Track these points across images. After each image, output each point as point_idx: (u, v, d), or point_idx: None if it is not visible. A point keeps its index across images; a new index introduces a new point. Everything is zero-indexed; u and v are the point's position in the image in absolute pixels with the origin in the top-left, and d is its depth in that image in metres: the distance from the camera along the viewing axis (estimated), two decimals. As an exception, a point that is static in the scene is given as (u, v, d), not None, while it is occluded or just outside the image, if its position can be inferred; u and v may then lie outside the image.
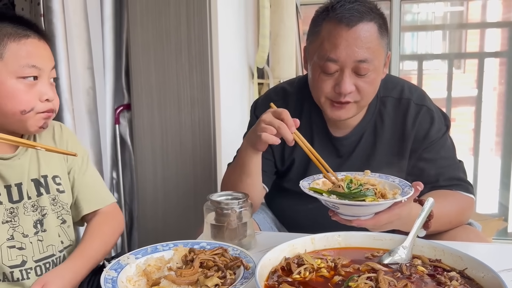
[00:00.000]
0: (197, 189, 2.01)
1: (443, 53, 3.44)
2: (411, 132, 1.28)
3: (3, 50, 1.00)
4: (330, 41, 1.17)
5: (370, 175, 1.10)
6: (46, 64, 1.07)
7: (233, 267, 0.90)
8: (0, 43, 1.00)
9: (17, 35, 1.02)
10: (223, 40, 2.01)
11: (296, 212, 1.40)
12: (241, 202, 1.10)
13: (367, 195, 0.99)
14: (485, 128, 3.23)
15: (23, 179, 1.09)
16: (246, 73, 2.45)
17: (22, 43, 1.02)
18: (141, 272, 0.89)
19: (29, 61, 1.02)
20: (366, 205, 0.97)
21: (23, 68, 1.02)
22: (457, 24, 3.51)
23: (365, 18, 1.16)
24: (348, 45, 1.15)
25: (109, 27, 2.00)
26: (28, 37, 1.04)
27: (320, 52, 1.19)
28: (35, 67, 1.03)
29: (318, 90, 1.23)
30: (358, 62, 1.16)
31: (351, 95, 1.20)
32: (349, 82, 1.18)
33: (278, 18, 2.44)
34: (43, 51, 1.07)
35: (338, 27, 1.16)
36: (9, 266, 1.04)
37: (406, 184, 1.04)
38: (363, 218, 1.00)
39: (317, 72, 1.22)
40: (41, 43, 1.07)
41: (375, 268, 0.87)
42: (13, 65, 1.01)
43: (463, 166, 1.32)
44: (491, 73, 3.34)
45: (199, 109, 1.97)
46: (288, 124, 1.09)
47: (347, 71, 1.17)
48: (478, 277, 0.83)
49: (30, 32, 1.05)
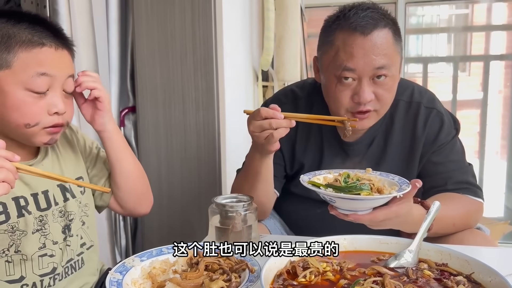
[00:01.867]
0: (202, 192, 2.01)
1: (448, 56, 3.43)
2: (422, 136, 1.27)
3: (13, 59, 0.93)
4: (346, 50, 1.15)
5: (371, 173, 1.10)
6: (59, 71, 0.97)
7: (238, 270, 0.89)
8: (10, 51, 0.93)
9: (30, 43, 0.94)
10: (228, 42, 2.01)
11: (304, 217, 1.39)
12: (246, 205, 1.10)
13: (363, 189, 0.99)
14: (490, 131, 3.22)
15: (49, 185, 1.05)
16: (250, 76, 2.45)
17: (34, 53, 0.94)
18: (146, 275, 0.89)
19: (38, 69, 0.94)
20: (361, 199, 0.97)
21: (32, 79, 0.93)
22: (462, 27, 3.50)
23: (379, 25, 1.14)
24: (365, 53, 1.13)
25: (115, 30, 2.01)
26: (43, 46, 0.95)
27: (336, 62, 1.17)
28: (45, 75, 0.95)
29: (336, 102, 1.21)
30: (377, 69, 1.14)
31: (371, 103, 1.18)
32: (368, 91, 1.16)
33: (283, 20, 2.44)
34: (59, 59, 0.98)
35: (353, 36, 1.14)
36: (40, 275, 1.01)
37: (404, 181, 1.04)
38: (360, 213, 1.00)
39: (333, 83, 1.19)
40: (58, 52, 0.97)
41: (381, 271, 0.87)
42: (22, 74, 0.93)
43: (472, 170, 1.31)
44: (496, 76, 3.33)
45: (204, 111, 1.97)
46: (273, 116, 1.09)
47: (365, 80, 1.16)
48: (485, 281, 0.82)
49: (48, 39, 0.96)
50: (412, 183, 1.00)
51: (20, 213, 1.00)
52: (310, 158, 1.33)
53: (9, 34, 0.93)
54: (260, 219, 1.34)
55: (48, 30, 0.97)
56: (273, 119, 1.09)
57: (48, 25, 0.98)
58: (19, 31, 0.94)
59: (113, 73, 2.03)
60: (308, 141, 1.34)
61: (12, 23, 0.94)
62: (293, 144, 1.35)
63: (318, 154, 1.34)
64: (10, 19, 0.95)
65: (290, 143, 1.35)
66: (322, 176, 1.10)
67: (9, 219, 0.98)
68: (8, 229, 0.97)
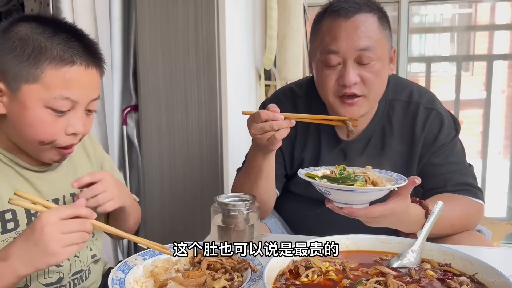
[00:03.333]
0: (204, 191, 2.01)
1: (451, 55, 3.42)
2: (421, 137, 1.26)
3: (40, 75, 0.89)
4: (330, 34, 1.17)
5: (370, 170, 1.09)
6: (84, 96, 0.94)
7: (241, 269, 0.89)
8: (39, 66, 0.89)
9: (60, 61, 0.90)
10: (231, 41, 2.01)
11: (304, 216, 1.39)
12: (249, 204, 1.10)
13: (357, 180, 0.99)
14: (493, 131, 3.21)
15: (60, 194, 1.04)
16: (253, 75, 2.45)
17: (62, 72, 0.90)
18: (149, 274, 0.89)
19: (63, 92, 0.90)
20: (354, 190, 0.97)
21: (54, 99, 0.90)
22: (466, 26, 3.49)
23: (363, 10, 1.17)
24: (348, 35, 1.15)
25: (117, 28, 2.01)
26: (73, 64, 0.91)
27: (321, 47, 1.19)
28: (68, 100, 0.91)
29: (323, 87, 1.22)
30: (360, 50, 1.15)
31: (357, 86, 1.18)
32: (353, 73, 1.17)
33: (286, 19, 2.44)
34: (86, 82, 0.94)
35: (337, 20, 1.17)
36: (45, 285, 1.00)
37: (402, 178, 1.04)
38: (355, 207, 0.99)
39: (320, 68, 1.21)
40: (87, 72, 0.94)
41: (383, 271, 0.87)
42: (45, 93, 0.90)
43: (472, 171, 1.30)
44: (499, 76, 3.32)
45: (206, 110, 1.97)
46: (273, 118, 1.09)
47: (349, 62, 1.17)
48: (488, 282, 0.82)
49: (79, 57, 0.92)
50: (411, 179, 0.99)
51: (29, 220, 0.99)
52: (308, 157, 1.33)
53: (41, 47, 0.90)
54: (261, 218, 1.34)
55: (82, 46, 0.94)
56: (274, 121, 1.09)
57: (82, 40, 0.95)
58: (51, 46, 0.90)
59: (115, 72, 2.03)
60: (306, 140, 1.34)
61: (46, 35, 0.91)
62: (292, 143, 1.35)
63: (316, 153, 1.34)
64: (46, 28, 0.92)
65: (290, 142, 1.34)
66: (320, 171, 1.10)
67: (18, 226, 0.97)
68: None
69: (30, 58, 0.89)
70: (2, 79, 0.91)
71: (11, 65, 0.90)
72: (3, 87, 0.91)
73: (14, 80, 0.90)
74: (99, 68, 0.98)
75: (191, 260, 0.92)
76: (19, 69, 0.90)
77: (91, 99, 0.96)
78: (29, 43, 0.90)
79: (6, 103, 0.92)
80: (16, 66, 0.90)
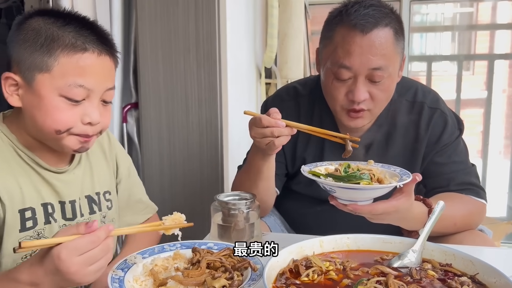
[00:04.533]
0: (204, 189, 2.01)
1: (452, 54, 3.41)
2: (425, 136, 1.26)
3: (53, 63, 0.90)
4: (343, 47, 1.14)
5: (373, 164, 1.09)
6: (98, 84, 0.94)
7: (241, 268, 0.89)
8: (52, 54, 0.90)
9: (73, 48, 0.91)
10: (231, 39, 2.00)
11: (304, 215, 1.38)
12: (249, 203, 1.10)
13: (363, 178, 0.98)
14: (494, 130, 3.20)
15: (77, 196, 1.05)
16: (253, 73, 2.44)
17: (75, 59, 0.91)
18: (148, 272, 0.88)
19: (77, 80, 0.91)
20: (360, 188, 0.97)
21: (68, 87, 0.91)
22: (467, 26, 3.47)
23: (380, 24, 1.13)
24: (362, 52, 1.12)
25: (118, 26, 2.00)
26: (85, 51, 0.92)
27: (333, 58, 1.17)
28: (83, 88, 0.92)
29: (331, 98, 1.22)
30: (373, 69, 1.14)
31: (365, 102, 1.18)
32: (363, 90, 1.15)
33: (287, 18, 2.43)
34: (100, 70, 0.94)
35: (352, 33, 1.13)
36: None
37: (406, 173, 1.04)
38: (360, 203, 0.99)
39: (330, 78, 1.19)
40: (100, 60, 0.94)
41: (384, 271, 0.86)
42: (59, 81, 0.90)
43: (475, 171, 1.30)
44: (500, 75, 3.31)
45: (207, 108, 1.96)
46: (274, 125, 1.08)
47: (360, 79, 1.15)
48: (490, 282, 0.81)
49: (91, 44, 0.93)
50: (413, 177, 0.99)
51: (47, 219, 0.99)
52: (310, 156, 1.32)
53: (53, 36, 0.91)
54: (261, 216, 1.33)
55: (94, 34, 0.94)
56: (275, 128, 1.08)
57: (94, 29, 0.96)
58: (63, 34, 0.91)
59: (116, 69, 2.02)
60: (309, 140, 1.34)
61: (58, 25, 0.92)
62: (295, 142, 1.35)
63: (319, 153, 1.33)
64: (57, 19, 0.93)
65: (292, 141, 1.34)
66: (323, 167, 1.11)
67: (36, 225, 0.97)
68: (34, 236, 0.97)
69: (43, 47, 0.90)
70: (18, 71, 0.93)
71: (25, 55, 0.91)
72: (18, 79, 0.92)
73: (29, 70, 0.91)
74: (112, 57, 0.98)
75: (190, 259, 0.91)
76: (32, 59, 0.91)
77: (106, 88, 0.96)
78: (42, 33, 0.91)
79: (22, 95, 0.93)
80: (30, 56, 0.91)
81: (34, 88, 0.92)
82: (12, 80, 0.93)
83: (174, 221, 0.90)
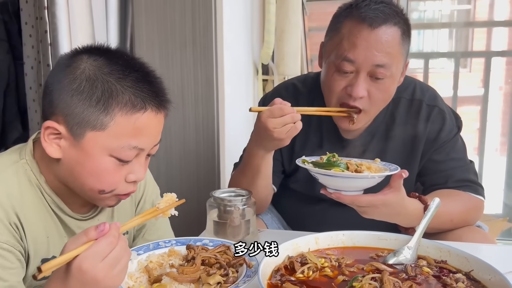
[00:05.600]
0: (201, 186, 2.00)
1: (450, 51, 3.41)
2: (423, 134, 1.26)
3: (109, 122, 0.81)
4: (349, 40, 1.13)
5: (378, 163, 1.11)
6: (150, 144, 0.87)
7: (236, 265, 0.89)
8: (109, 113, 0.81)
9: (132, 107, 0.82)
10: (228, 36, 1.99)
11: (302, 212, 1.38)
12: (245, 200, 1.09)
13: (335, 165, 1.02)
14: (490, 127, 3.21)
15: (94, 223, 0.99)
16: (250, 69, 2.43)
17: (134, 119, 0.82)
18: (143, 269, 0.88)
19: (131, 141, 0.83)
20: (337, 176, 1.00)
21: (121, 149, 0.83)
22: (464, 23, 3.48)
23: (389, 21, 1.12)
24: (368, 47, 1.11)
25: (114, 22, 1.99)
26: (145, 110, 0.83)
27: (338, 51, 1.16)
28: (136, 149, 0.84)
29: (329, 89, 1.21)
30: (376, 66, 1.13)
31: (362, 101, 1.16)
32: (362, 86, 1.14)
33: (284, 14, 2.42)
34: (154, 128, 0.87)
35: (360, 26, 1.12)
36: None
37: (396, 168, 1.06)
38: (344, 193, 1.02)
39: (331, 70, 1.18)
40: (157, 118, 0.86)
41: (379, 268, 0.86)
42: (112, 142, 0.82)
43: (473, 167, 1.31)
44: (497, 72, 3.31)
45: (203, 105, 1.95)
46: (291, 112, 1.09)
47: (362, 74, 1.14)
48: (484, 279, 0.82)
49: (151, 102, 0.84)
50: (398, 173, 1.00)
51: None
52: (309, 155, 1.32)
53: (111, 91, 0.81)
54: (257, 213, 1.33)
55: (153, 90, 0.85)
56: (293, 114, 1.09)
57: (153, 83, 0.87)
58: (122, 89, 0.82)
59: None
60: (307, 138, 1.34)
61: (116, 77, 0.82)
62: (293, 141, 1.34)
63: (317, 148, 1.33)
64: (114, 67, 0.83)
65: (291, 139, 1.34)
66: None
67: None
68: None
69: (100, 104, 0.81)
70: (64, 123, 0.83)
71: (76, 109, 0.81)
72: (64, 131, 0.83)
73: (79, 125, 0.82)
74: (167, 111, 0.90)
75: (185, 256, 0.91)
76: (85, 115, 0.81)
77: (156, 143, 0.90)
78: (98, 86, 0.81)
79: (65, 147, 0.84)
80: (83, 111, 0.81)
81: (82, 145, 0.83)
82: (53, 129, 0.84)
83: (168, 202, 0.87)
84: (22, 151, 0.91)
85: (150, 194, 1.13)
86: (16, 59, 2.03)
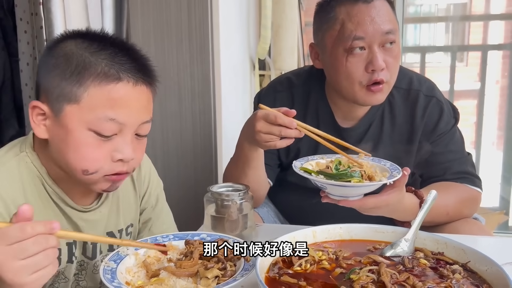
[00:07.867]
0: (198, 181, 2.00)
1: (446, 45, 3.41)
2: (420, 124, 1.26)
3: (82, 94, 0.81)
4: (352, 20, 1.16)
5: (363, 158, 1.09)
6: (132, 118, 0.85)
7: (234, 258, 0.89)
8: (82, 84, 0.81)
9: (105, 78, 0.82)
10: (224, 31, 1.99)
11: (299, 206, 1.38)
12: (242, 194, 1.09)
13: (353, 176, 0.99)
14: (487, 121, 3.21)
15: (99, 235, 0.97)
16: (247, 65, 2.43)
17: (107, 90, 0.82)
18: (141, 263, 0.88)
19: (108, 113, 0.82)
20: (351, 186, 0.97)
21: (98, 121, 0.82)
22: (461, 16, 3.48)
23: None
24: (372, 19, 1.15)
25: (109, 17, 1.98)
26: (119, 81, 0.82)
27: (343, 35, 1.17)
28: (114, 122, 0.82)
29: (349, 77, 1.18)
30: (386, 34, 1.16)
31: (383, 72, 1.17)
32: (380, 57, 1.16)
33: (280, 9, 2.41)
34: (135, 101, 0.85)
35: (357, 5, 1.16)
36: None
37: (396, 168, 1.04)
38: (351, 199, 1.01)
39: (343, 57, 1.18)
40: (136, 90, 0.85)
41: (377, 260, 0.86)
42: (88, 114, 0.82)
43: (471, 159, 1.31)
44: (494, 66, 3.32)
45: (200, 100, 1.95)
46: (287, 125, 1.04)
47: (375, 47, 1.16)
48: (481, 270, 0.82)
49: (127, 73, 0.83)
50: (402, 172, 0.99)
51: (70, 259, 0.95)
52: (306, 145, 1.32)
53: (85, 63, 0.82)
54: (253, 207, 1.33)
55: (131, 61, 0.85)
56: (284, 128, 1.04)
57: (132, 55, 0.86)
58: (96, 61, 0.82)
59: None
60: None
61: (91, 50, 0.84)
62: None
63: (313, 144, 1.33)
64: (92, 43, 0.84)
65: None
66: (314, 161, 1.10)
67: (59, 265, 0.92)
68: (55, 275, 0.92)
69: (73, 76, 0.82)
70: (46, 101, 0.85)
71: (53, 84, 0.83)
72: (46, 109, 0.85)
73: (57, 100, 0.83)
74: (150, 86, 0.89)
75: (183, 250, 0.91)
76: (61, 88, 0.82)
77: (142, 122, 0.87)
78: (73, 60, 0.83)
79: (49, 126, 0.85)
80: (59, 85, 0.83)
81: (62, 120, 0.83)
82: (39, 109, 0.85)
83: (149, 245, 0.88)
84: (22, 144, 0.92)
85: (155, 187, 1.13)
86: (11, 56, 2.02)
